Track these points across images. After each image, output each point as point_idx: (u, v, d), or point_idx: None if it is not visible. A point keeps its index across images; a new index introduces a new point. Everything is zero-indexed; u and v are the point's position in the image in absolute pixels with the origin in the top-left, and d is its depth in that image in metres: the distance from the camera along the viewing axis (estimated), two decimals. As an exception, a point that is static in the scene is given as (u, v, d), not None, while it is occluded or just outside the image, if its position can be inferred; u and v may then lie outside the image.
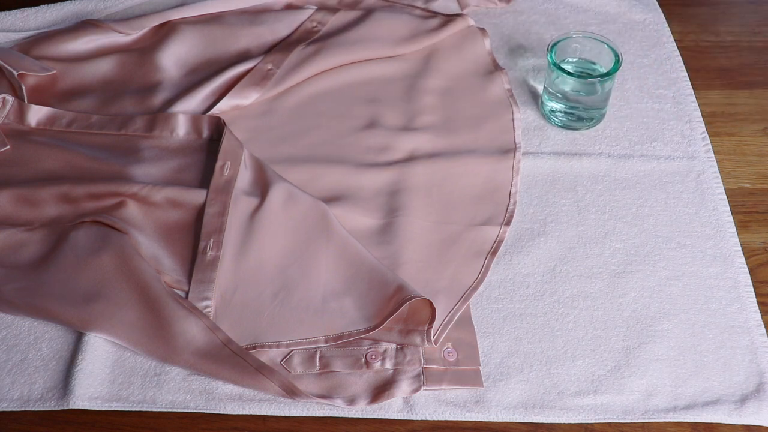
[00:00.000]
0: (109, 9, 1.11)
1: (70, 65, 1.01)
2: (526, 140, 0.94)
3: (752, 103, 1.01)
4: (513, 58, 1.05)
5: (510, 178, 0.89)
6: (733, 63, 1.06)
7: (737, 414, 0.71)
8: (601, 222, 0.86)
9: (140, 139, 0.93)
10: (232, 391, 0.73)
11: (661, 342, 0.76)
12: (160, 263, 0.81)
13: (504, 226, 0.85)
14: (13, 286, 0.79)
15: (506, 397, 0.73)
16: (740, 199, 0.89)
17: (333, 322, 0.75)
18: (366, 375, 0.74)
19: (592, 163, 0.91)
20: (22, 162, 0.90)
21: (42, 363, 0.75)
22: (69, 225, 0.82)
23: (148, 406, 0.72)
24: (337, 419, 0.72)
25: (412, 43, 1.04)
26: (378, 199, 0.87)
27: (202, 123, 0.93)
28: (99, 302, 0.76)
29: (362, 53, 1.02)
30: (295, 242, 0.81)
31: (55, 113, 0.95)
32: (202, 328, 0.74)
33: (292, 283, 0.78)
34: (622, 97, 0.99)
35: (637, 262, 0.82)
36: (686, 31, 1.11)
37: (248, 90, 0.97)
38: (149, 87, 0.99)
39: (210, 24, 1.06)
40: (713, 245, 0.84)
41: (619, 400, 0.72)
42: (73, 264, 0.79)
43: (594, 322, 0.78)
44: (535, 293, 0.80)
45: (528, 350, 0.76)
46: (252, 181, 0.87)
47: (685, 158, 0.92)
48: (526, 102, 0.99)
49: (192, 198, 0.84)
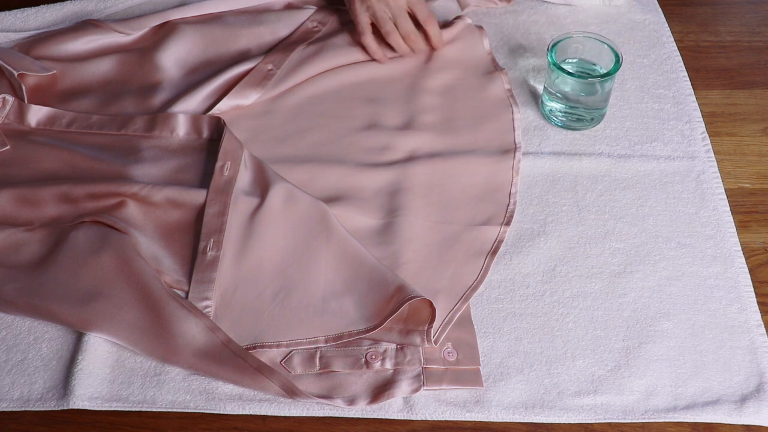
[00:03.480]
0: (109, 9, 1.11)
1: (70, 65, 1.01)
2: (526, 140, 0.94)
3: (752, 103, 1.01)
4: (513, 58, 1.05)
5: (510, 178, 0.89)
6: (733, 63, 1.06)
7: (737, 414, 0.71)
8: (601, 222, 0.86)
9: (140, 139, 0.93)
10: (232, 391, 0.73)
11: (661, 342, 0.76)
12: (160, 263, 0.81)
13: (504, 226, 0.85)
14: (13, 286, 0.79)
15: (506, 397, 0.73)
16: (740, 199, 0.89)
17: (333, 322, 0.75)
18: (366, 375, 0.74)
19: (592, 163, 0.91)
20: (22, 162, 0.90)
21: (42, 363, 0.75)
22: (69, 225, 0.82)
23: (148, 406, 0.72)
24: (337, 419, 0.72)
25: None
26: (378, 199, 0.87)
27: (202, 123, 0.93)
28: (99, 302, 0.76)
29: (362, 54, 1.02)
30: (295, 242, 0.81)
31: (55, 113, 0.95)
32: (202, 328, 0.74)
33: (292, 283, 0.78)
34: (622, 97, 0.99)
35: (637, 262, 0.82)
36: (686, 31, 1.11)
37: (248, 90, 0.97)
38: (149, 87, 1.00)
39: (210, 24, 1.06)
40: (713, 245, 0.84)
41: (619, 400, 0.72)
42: (73, 264, 0.79)
43: (594, 322, 0.78)
44: (535, 293, 0.80)
45: (528, 350, 0.76)
46: (252, 182, 0.87)
47: (685, 158, 0.92)
48: (526, 102, 0.99)
49: (192, 198, 0.84)
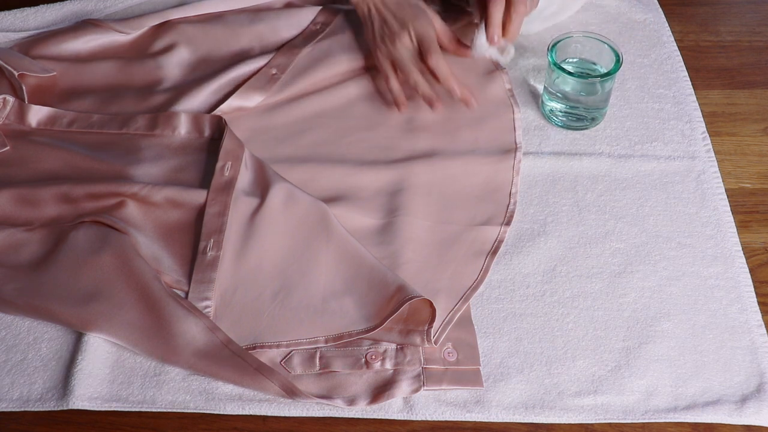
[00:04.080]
0: (109, 9, 1.11)
1: (70, 65, 1.01)
2: (526, 140, 0.94)
3: (752, 103, 1.01)
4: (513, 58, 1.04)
5: (510, 178, 0.89)
6: (733, 63, 1.06)
7: (738, 414, 0.71)
8: (601, 222, 0.86)
9: (141, 137, 0.93)
10: (232, 391, 0.73)
11: (661, 342, 0.76)
12: (160, 263, 0.81)
13: (504, 226, 0.85)
14: (13, 286, 0.79)
15: (506, 397, 0.72)
16: (741, 199, 0.89)
17: (333, 322, 0.75)
18: (366, 375, 0.74)
19: (593, 163, 0.91)
20: (22, 162, 0.90)
21: (42, 363, 0.75)
22: (69, 225, 0.82)
23: (148, 406, 0.72)
24: (337, 419, 0.72)
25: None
26: (378, 199, 0.87)
27: (204, 122, 0.93)
28: (99, 302, 0.76)
29: (366, 59, 1.01)
30: (295, 242, 0.81)
31: (55, 113, 0.95)
32: (202, 329, 0.74)
33: (292, 283, 0.78)
34: (623, 97, 0.99)
35: (638, 262, 0.82)
36: (686, 30, 1.11)
37: (252, 93, 0.97)
38: (150, 86, 0.99)
39: (210, 23, 1.06)
40: (714, 245, 0.84)
41: (620, 401, 0.72)
42: (73, 264, 0.79)
43: (594, 322, 0.78)
44: (535, 293, 0.80)
45: (528, 350, 0.76)
46: (252, 182, 0.86)
47: (686, 158, 0.92)
48: (526, 102, 0.99)
49: (192, 198, 0.84)
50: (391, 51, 0.94)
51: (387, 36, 0.94)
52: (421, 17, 0.93)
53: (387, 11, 0.95)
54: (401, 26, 0.93)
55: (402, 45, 0.93)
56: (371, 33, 0.96)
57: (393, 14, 0.94)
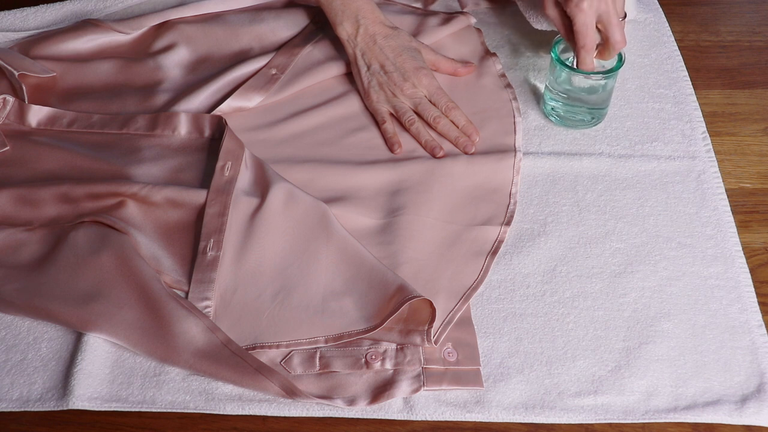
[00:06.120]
0: (109, 9, 1.11)
1: (70, 65, 1.01)
2: (527, 140, 0.94)
3: (753, 103, 1.01)
4: (514, 58, 1.05)
5: (510, 177, 0.89)
6: (733, 63, 1.06)
7: (738, 414, 0.71)
8: (601, 222, 0.86)
9: (142, 137, 0.93)
10: (232, 391, 0.73)
11: (661, 342, 0.76)
12: (160, 263, 0.81)
13: (504, 226, 0.85)
14: (13, 286, 0.78)
15: (506, 397, 0.72)
16: (741, 199, 0.89)
17: (333, 322, 0.75)
18: (366, 375, 0.73)
19: (593, 163, 0.91)
20: (22, 162, 0.90)
21: (41, 363, 0.75)
22: (68, 225, 0.82)
23: (148, 406, 0.72)
24: (337, 419, 0.72)
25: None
26: (378, 199, 0.87)
27: (204, 122, 0.93)
28: (98, 302, 0.76)
29: None
30: (295, 242, 0.81)
31: (55, 113, 0.95)
32: (202, 329, 0.74)
33: (292, 284, 0.78)
34: (623, 96, 0.99)
35: (638, 262, 0.82)
36: (686, 30, 1.11)
37: (252, 93, 0.97)
38: (150, 86, 1.00)
39: (210, 23, 1.06)
40: (714, 245, 0.84)
41: (620, 401, 0.72)
42: (73, 264, 0.79)
43: (594, 323, 0.78)
44: (535, 293, 0.80)
45: (528, 350, 0.76)
46: (252, 182, 0.86)
47: (686, 158, 0.92)
48: (527, 101, 0.99)
49: (192, 198, 0.84)
50: (391, 100, 0.95)
51: (385, 84, 0.95)
52: (421, 71, 0.95)
53: (385, 59, 0.95)
54: (403, 78, 0.94)
55: (405, 97, 0.94)
56: (362, 78, 0.97)
57: (393, 64, 0.95)
